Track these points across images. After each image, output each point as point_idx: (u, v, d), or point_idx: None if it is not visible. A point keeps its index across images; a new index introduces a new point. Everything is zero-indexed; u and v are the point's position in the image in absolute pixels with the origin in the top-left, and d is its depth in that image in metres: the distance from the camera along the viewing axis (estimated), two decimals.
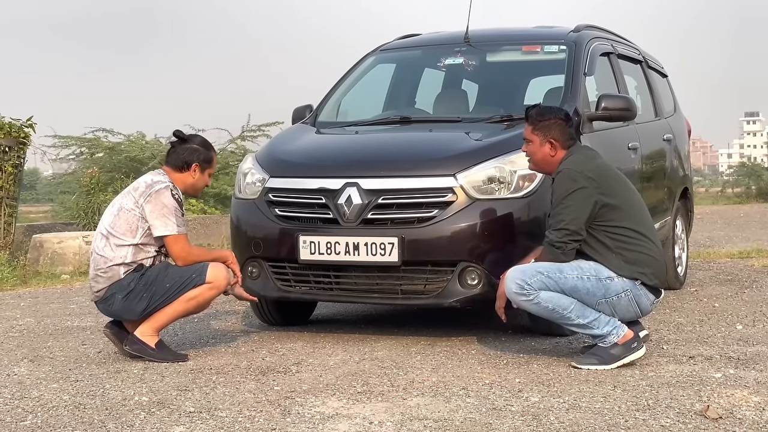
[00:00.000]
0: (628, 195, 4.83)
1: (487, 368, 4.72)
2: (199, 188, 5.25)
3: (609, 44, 7.09)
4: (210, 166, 5.24)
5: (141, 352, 4.99)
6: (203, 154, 5.20)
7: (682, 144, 8.15)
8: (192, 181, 5.19)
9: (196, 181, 5.19)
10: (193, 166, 5.16)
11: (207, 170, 5.23)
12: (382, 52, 7.27)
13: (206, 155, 5.22)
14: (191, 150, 5.18)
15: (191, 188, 5.22)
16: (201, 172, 5.19)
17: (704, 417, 3.71)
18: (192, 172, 5.17)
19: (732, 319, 6.06)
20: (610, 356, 4.63)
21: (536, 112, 4.91)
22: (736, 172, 32.10)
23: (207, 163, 5.22)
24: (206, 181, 5.26)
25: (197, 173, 5.18)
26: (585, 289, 4.63)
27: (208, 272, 4.99)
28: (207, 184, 5.30)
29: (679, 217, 7.89)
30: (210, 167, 5.25)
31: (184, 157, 5.16)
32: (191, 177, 5.17)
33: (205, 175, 5.22)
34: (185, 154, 5.17)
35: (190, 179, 5.18)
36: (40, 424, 3.82)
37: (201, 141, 5.27)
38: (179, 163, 5.16)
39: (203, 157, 5.19)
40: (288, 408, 3.98)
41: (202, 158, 5.18)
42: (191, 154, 5.17)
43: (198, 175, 5.18)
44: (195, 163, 5.16)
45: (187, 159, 5.16)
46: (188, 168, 5.16)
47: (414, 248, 5.19)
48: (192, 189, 5.24)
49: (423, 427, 3.65)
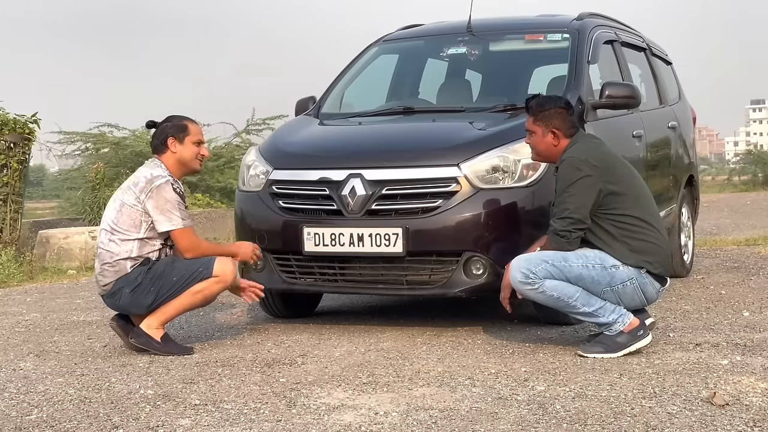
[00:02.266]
0: (633, 183, 4.81)
1: (493, 358, 4.71)
2: (189, 160, 5.10)
3: (612, 32, 7.06)
4: (186, 132, 5.09)
5: (146, 345, 4.99)
6: (172, 125, 5.11)
7: (687, 131, 8.12)
8: (177, 156, 5.08)
9: (180, 153, 5.08)
10: (169, 141, 5.07)
11: (187, 138, 5.08)
12: (385, 42, 7.25)
13: (176, 125, 5.11)
14: (161, 129, 5.14)
15: (182, 164, 5.10)
16: (180, 142, 5.07)
17: (711, 404, 3.70)
18: (171, 147, 5.08)
19: (738, 306, 6.05)
20: (616, 344, 4.62)
21: (536, 103, 4.88)
22: (743, 160, 32.08)
23: (181, 131, 5.09)
24: (193, 150, 5.10)
25: (176, 145, 5.07)
26: (590, 277, 4.62)
27: (215, 266, 4.98)
28: (197, 153, 5.12)
29: (685, 205, 7.87)
30: (187, 134, 5.09)
31: (158, 139, 5.12)
32: (173, 153, 5.08)
33: (187, 144, 5.08)
34: (157, 136, 5.13)
35: (173, 155, 5.08)
36: (46, 418, 3.82)
37: (171, 117, 5.19)
38: (157, 145, 5.12)
39: (174, 128, 5.10)
40: (293, 399, 3.97)
41: (173, 130, 5.09)
42: (162, 132, 5.11)
43: (178, 146, 5.07)
44: (168, 137, 5.08)
45: (160, 138, 5.11)
46: (165, 146, 5.09)
47: (418, 238, 5.18)
48: (184, 165, 5.11)
49: (429, 417, 3.65)
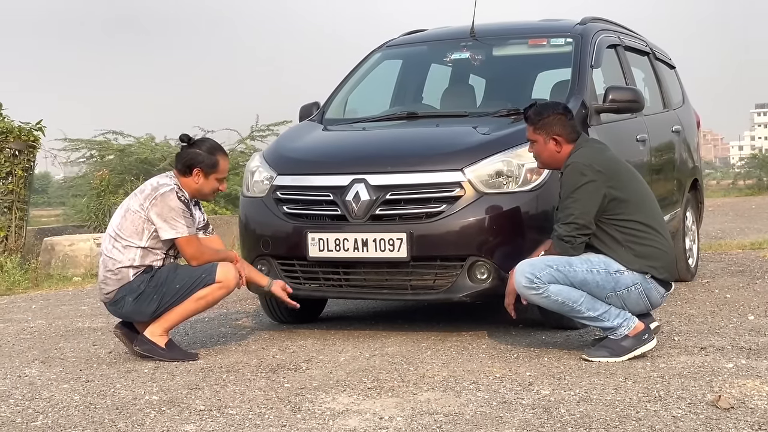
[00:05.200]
0: (637, 188, 4.81)
1: (498, 362, 4.71)
2: (206, 193, 5.12)
3: (615, 36, 7.06)
4: (215, 170, 5.08)
5: (151, 352, 4.99)
6: (206, 159, 5.06)
7: (691, 135, 8.12)
8: (196, 186, 5.08)
9: (200, 186, 5.08)
10: (195, 171, 5.05)
11: (212, 175, 5.07)
12: (388, 48, 7.27)
13: (210, 160, 5.07)
14: (194, 154, 5.07)
15: (197, 193, 5.11)
16: (205, 177, 5.06)
17: (716, 407, 3.69)
18: (195, 177, 5.06)
19: (744, 309, 6.04)
20: (621, 348, 4.61)
21: (534, 112, 4.86)
22: (748, 164, 32.08)
23: (211, 168, 5.07)
24: (213, 185, 5.11)
25: (200, 178, 5.06)
26: (595, 282, 4.62)
27: (218, 272, 4.98)
28: (216, 188, 5.13)
29: (690, 209, 7.86)
30: (215, 172, 5.08)
31: (187, 161, 5.07)
32: (194, 182, 5.07)
33: (210, 179, 5.08)
34: (187, 159, 5.08)
35: (194, 184, 5.07)
36: (51, 424, 3.82)
37: (208, 146, 5.13)
38: (182, 167, 5.08)
39: (206, 162, 5.06)
40: (298, 405, 3.97)
41: (204, 163, 5.05)
42: (193, 159, 5.06)
43: (202, 180, 5.06)
44: (197, 167, 5.05)
45: (189, 163, 5.06)
46: (190, 173, 5.06)
47: (423, 243, 5.19)
48: (198, 194, 5.12)
49: (433, 422, 3.64)
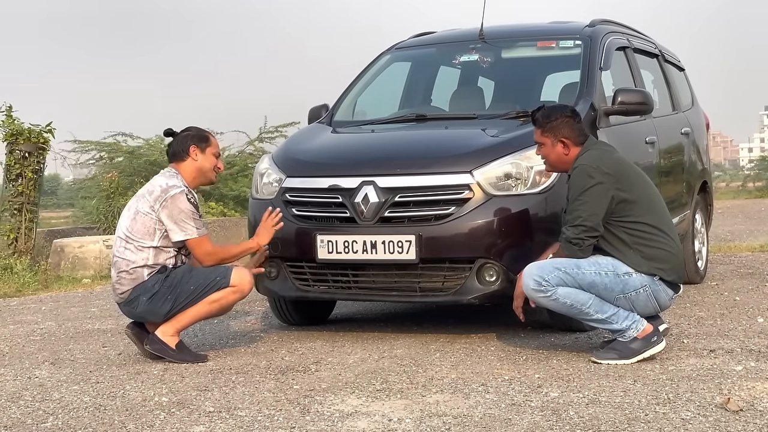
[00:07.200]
0: (645, 190, 4.80)
1: (507, 364, 4.71)
2: (207, 171, 5.19)
3: (624, 38, 7.06)
4: (208, 143, 5.19)
5: (161, 352, 5.01)
6: (197, 134, 5.21)
7: (701, 137, 8.11)
8: (197, 165, 5.16)
9: (201, 163, 5.16)
10: (191, 149, 5.15)
11: (208, 149, 5.18)
12: (397, 50, 7.27)
13: (199, 134, 5.21)
14: (184, 137, 5.20)
15: (200, 174, 5.18)
16: (201, 152, 5.15)
17: (725, 410, 3.69)
18: (192, 155, 5.15)
19: (753, 312, 6.03)
20: (629, 350, 4.61)
21: (542, 115, 4.87)
22: (757, 166, 31.91)
23: (203, 141, 5.19)
24: (212, 161, 5.20)
25: (198, 153, 5.15)
26: (603, 284, 4.61)
27: (233, 276, 5.01)
28: (216, 166, 5.22)
29: (699, 211, 7.84)
30: (209, 145, 5.19)
31: (179, 146, 5.18)
32: (194, 161, 5.15)
33: (207, 154, 5.17)
34: (179, 143, 5.19)
35: (195, 164, 5.15)
36: (61, 425, 3.84)
37: (193, 128, 5.28)
38: (177, 152, 5.17)
39: (197, 137, 5.18)
40: (307, 407, 3.98)
41: (196, 139, 5.17)
42: (184, 140, 5.18)
43: (200, 155, 5.15)
44: (191, 145, 5.15)
45: (182, 146, 5.17)
46: (187, 153, 5.15)
47: (431, 245, 5.19)
48: (202, 175, 5.19)
49: (442, 424, 3.65)
